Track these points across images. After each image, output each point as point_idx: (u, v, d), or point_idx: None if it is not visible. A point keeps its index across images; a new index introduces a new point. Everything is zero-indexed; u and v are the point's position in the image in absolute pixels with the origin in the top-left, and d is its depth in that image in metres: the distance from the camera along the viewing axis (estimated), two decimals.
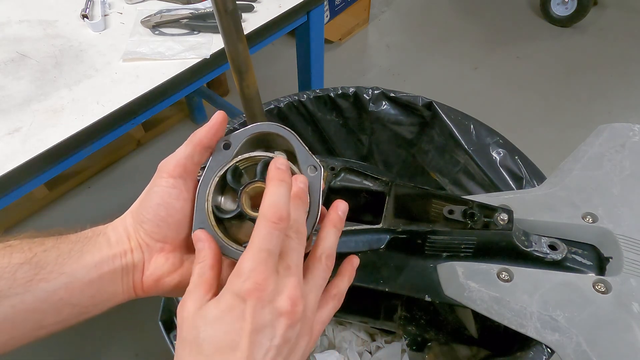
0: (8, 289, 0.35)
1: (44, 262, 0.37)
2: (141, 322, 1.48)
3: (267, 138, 0.44)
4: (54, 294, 0.37)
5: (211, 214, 0.41)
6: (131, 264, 0.41)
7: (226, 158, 0.42)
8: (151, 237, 0.41)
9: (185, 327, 0.35)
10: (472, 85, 2.26)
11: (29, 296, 0.36)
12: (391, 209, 0.66)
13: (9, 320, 0.36)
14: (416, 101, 0.93)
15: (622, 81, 2.25)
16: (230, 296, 0.34)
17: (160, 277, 0.41)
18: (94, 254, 0.39)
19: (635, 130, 0.74)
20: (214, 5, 0.46)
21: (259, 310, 0.33)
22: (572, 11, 2.43)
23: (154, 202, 0.40)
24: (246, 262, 0.34)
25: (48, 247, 0.38)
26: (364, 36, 2.54)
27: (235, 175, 0.43)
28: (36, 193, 1.75)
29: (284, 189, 0.37)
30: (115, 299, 0.41)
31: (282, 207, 0.36)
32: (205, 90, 1.89)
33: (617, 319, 0.55)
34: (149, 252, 0.41)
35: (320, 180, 0.42)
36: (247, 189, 0.42)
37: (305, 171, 0.42)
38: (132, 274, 0.41)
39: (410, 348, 0.79)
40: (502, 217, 0.61)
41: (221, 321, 0.34)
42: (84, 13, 1.06)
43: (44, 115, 0.88)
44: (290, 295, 0.35)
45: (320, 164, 0.42)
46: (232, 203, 0.44)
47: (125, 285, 0.41)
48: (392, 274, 0.65)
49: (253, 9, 1.08)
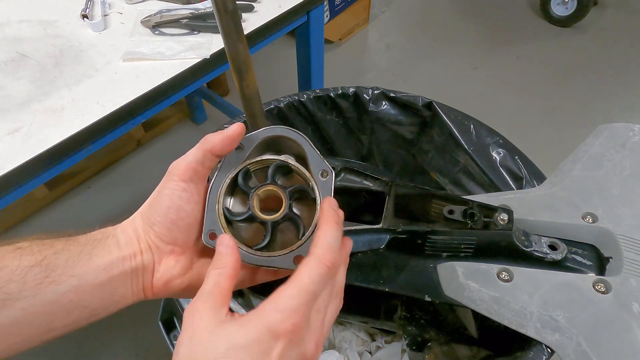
0: (19, 291, 0.35)
1: (54, 265, 0.37)
2: (141, 322, 1.48)
3: (277, 141, 0.44)
4: (64, 297, 0.37)
5: (222, 215, 0.41)
6: (141, 266, 0.40)
7: (238, 160, 0.42)
8: (161, 240, 0.41)
9: (198, 339, 0.33)
10: (472, 85, 2.26)
11: (39, 299, 0.36)
12: (391, 209, 0.66)
13: (19, 323, 0.36)
14: (416, 101, 0.93)
15: (622, 81, 2.25)
16: (263, 329, 0.33)
17: (170, 279, 0.41)
18: (103, 257, 0.39)
19: (635, 130, 0.74)
20: (214, 5, 0.46)
21: (288, 351, 0.33)
22: (572, 11, 2.43)
23: (164, 205, 0.40)
24: (290, 301, 0.33)
25: (58, 250, 0.38)
26: (364, 36, 2.54)
27: (246, 177, 0.43)
28: (36, 193, 1.75)
29: (339, 233, 0.37)
30: (124, 301, 0.41)
31: (336, 251, 0.36)
32: (205, 90, 1.89)
33: (617, 319, 0.55)
34: (158, 254, 0.41)
35: (331, 185, 0.42)
36: (258, 192, 0.42)
37: (317, 175, 0.42)
38: (141, 276, 0.41)
39: (410, 348, 0.79)
40: (502, 217, 0.61)
41: (246, 351, 0.32)
42: (84, 13, 1.06)
43: (44, 115, 0.88)
44: (317, 340, 0.35)
45: (332, 169, 0.42)
46: (240, 205, 0.44)
47: (135, 288, 0.41)
48: (392, 274, 0.65)
49: (253, 9, 1.08)
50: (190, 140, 0.42)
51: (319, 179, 0.42)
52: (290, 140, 0.43)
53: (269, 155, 0.43)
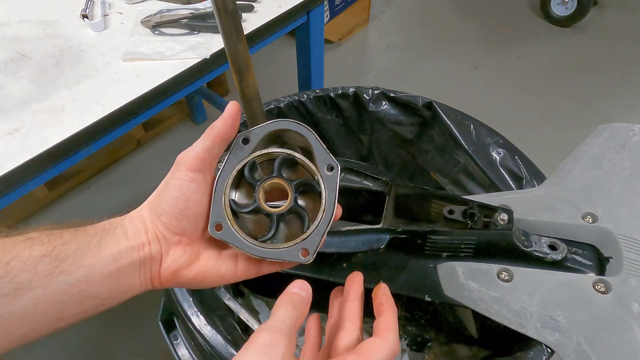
0: (30, 281, 0.36)
1: (63, 255, 0.37)
2: (141, 322, 1.48)
3: (283, 134, 0.44)
4: (74, 287, 0.37)
5: (228, 207, 0.41)
6: (149, 256, 0.41)
7: (245, 153, 0.43)
8: (169, 230, 0.41)
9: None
10: (472, 85, 2.26)
11: (50, 289, 0.36)
12: (391, 209, 0.66)
13: (31, 312, 0.36)
14: (416, 101, 0.93)
15: (622, 81, 2.25)
16: None
17: (177, 269, 0.41)
18: (111, 247, 0.39)
19: (635, 130, 0.74)
20: (214, 5, 0.46)
21: None
22: (572, 11, 2.43)
23: (172, 195, 0.40)
24: None
25: (67, 240, 0.38)
26: (364, 36, 2.54)
27: (252, 170, 0.43)
28: (36, 193, 1.75)
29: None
30: (133, 290, 0.41)
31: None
32: (205, 90, 1.89)
33: (617, 319, 0.55)
34: (166, 244, 0.41)
35: (337, 179, 0.42)
36: (264, 184, 0.43)
37: (323, 169, 0.42)
38: (149, 266, 0.41)
39: (410, 348, 0.79)
40: (502, 217, 0.61)
41: None
42: (84, 13, 1.06)
43: (44, 115, 0.88)
44: None
45: (337, 163, 0.43)
46: (246, 197, 0.45)
47: (143, 277, 0.41)
48: (392, 274, 0.65)
49: (253, 9, 1.08)
50: (190, 140, 0.42)
51: (324, 173, 0.42)
52: (296, 134, 0.43)
53: (275, 148, 0.43)
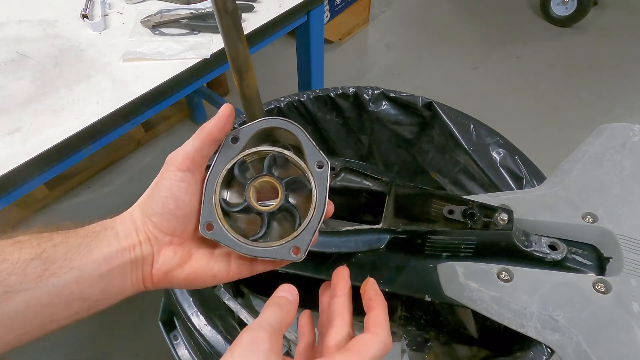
0: (19, 284, 0.36)
1: (53, 257, 0.37)
2: (141, 322, 1.48)
3: (274, 132, 0.44)
4: (65, 289, 0.37)
5: (218, 207, 0.41)
6: (140, 257, 0.41)
7: (234, 152, 0.42)
8: (160, 230, 0.41)
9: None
10: (472, 85, 2.26)
11: (40, 291, 0.36)
12: (391, 209, 0.66)
13: (21, 315, 0.36)
14: (416, 101, 0.93)
15: (622, 81, 2.25)
16: None
17: (169, 270, 0.41)
18: (102, 249, 0.39)
19: (635, 130, 0.74)
20: (214, 5, 0.46)
21: None
22: (572, 11, 2.43)
23: (162, 195, 0.40)
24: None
25: (57, 242, 0.38)
26: (364, 36, 2.54)
27: (242, 169, 0.43)
28: (36, 193, 1.75)
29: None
30: (124, 292, 0.41)
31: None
32: (205, 90, 1.89)
33: (617, 319, 0.55)
34: (157, 245, 0.41)
35: (327, 176, 0.42)
36: (254, 183, 0.43)
37: (313, 167, 0.42)
38: (141, 267, 0.41)
39: (410, 348, 0.79)
40: (502, 217, 0.61)
41: None
42: (84, 13, 1.06)
43: (44, 115, 0.88)
44: None
45: (327, 160, 0.43)
46: (237, 196, 0.44)
47: (134, 279, 0.41)
48: (392, 274, 0.65)
49: (253, 9, 1.08)
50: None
51: (314, 170, 0.42)
52: (286, 132, 0.43)
53: (265, 146, 0.43)
